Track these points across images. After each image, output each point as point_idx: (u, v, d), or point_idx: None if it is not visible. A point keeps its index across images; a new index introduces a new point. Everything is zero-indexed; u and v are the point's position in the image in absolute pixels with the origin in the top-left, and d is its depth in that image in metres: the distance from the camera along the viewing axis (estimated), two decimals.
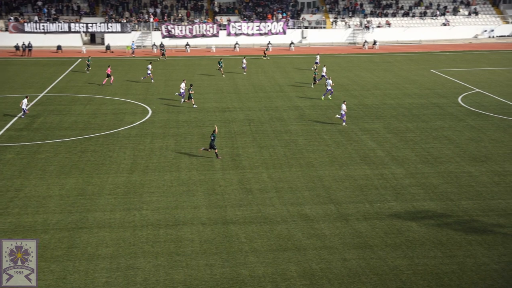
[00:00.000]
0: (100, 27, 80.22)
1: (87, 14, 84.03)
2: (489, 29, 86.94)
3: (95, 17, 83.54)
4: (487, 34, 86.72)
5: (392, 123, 40.38)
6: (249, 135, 38.09)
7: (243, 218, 25.51)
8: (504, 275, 20.58)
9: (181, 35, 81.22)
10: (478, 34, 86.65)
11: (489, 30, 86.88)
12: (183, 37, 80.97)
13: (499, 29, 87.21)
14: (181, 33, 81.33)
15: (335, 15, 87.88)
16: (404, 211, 26.04)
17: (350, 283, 20.24)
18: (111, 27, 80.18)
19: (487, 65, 64.48)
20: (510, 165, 31.52)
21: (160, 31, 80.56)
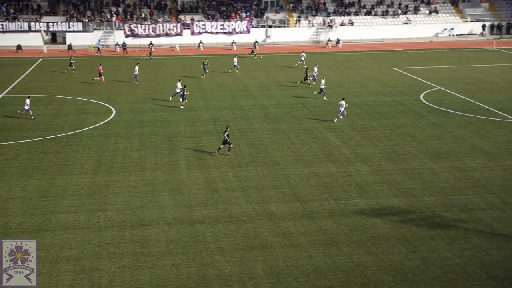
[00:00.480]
0: (62, 26, 79.01)
1: (47, 13, 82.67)
2: (449, 27, 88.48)
3: (56, 16, 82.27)
4: (447, 32, 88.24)
5: (356, 120, 40.78)
6: (214, 134, 38.01)
7: (209, 218, 25.45)
8: (466, 269, 20.98)
9: (144, 34, 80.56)
10: (439, 33, 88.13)
11: (449, 29, 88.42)
12: (147, 36, 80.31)
13: (458, 27, 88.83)
14: (144, 32, 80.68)
15: (298, 14, 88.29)
16: (369, 208, 26.33)
17: (316, 280, 20.38)
18: (73, 26, 79.02)
19: (447, 63, 65.60)
20: (471, 161, 32.13)
21: (123, 30, 79.80)
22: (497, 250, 22.24)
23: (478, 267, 21.05)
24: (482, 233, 23.65)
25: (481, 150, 33.85)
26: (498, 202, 26.65)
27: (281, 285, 20.10)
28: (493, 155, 33.02)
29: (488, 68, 62.05)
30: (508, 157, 32.55)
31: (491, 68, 61.67)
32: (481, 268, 21.01)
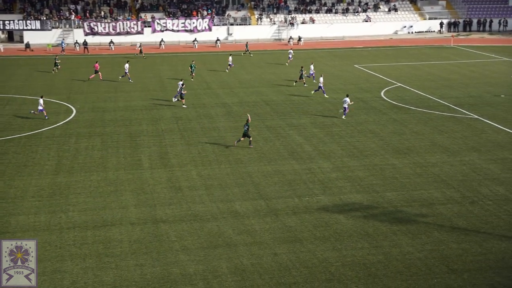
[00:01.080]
0: (18, 24, 77.44)
1: (3, 11, 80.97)
2: (408, 25, 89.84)
3: (13, 14, 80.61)
4: (406, 30, 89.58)
5: (318, 118, 41.06)
6: (177, 132, 37.82)
7: (173, 217, 25.32)
8: (427, 263, 21.33)
9: (105, 32, 79.59)
10: (398, 30, 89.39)
11: (408, 26, 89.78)
12: (107, 34, 79.34)
13: (417, 25, 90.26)
14: (104, 30, 79.69)
15: (260, 12, 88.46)
16: (332, 204, 26.55)
17: (280, 277, 20.47)
18: (30, 25, 77.55)
19: (407, 60, 66.57)
20: (431, 156, 32.68)
21: (83, 28, 78.68)
22: (456, 244, 22.68)
23: (438, 261, 21.43)
24: (442, 227, 24.09)
25: (440, 146, 34.46)
26: (457, 197, 27.17)
27: (246, 283, 20.13)
28: (452, 150, 33.65)
29: (446, 65, 63.18)
30: (467, 152, 33.22)
31: (449, 65, 62.81)
32: (442, 261, 21.40)
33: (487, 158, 32.16)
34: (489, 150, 33.50)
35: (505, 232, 23.59)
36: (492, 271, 20.63)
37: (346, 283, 20.07)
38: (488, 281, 19.99)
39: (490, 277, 20.28)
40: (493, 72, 58.35)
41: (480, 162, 31.63)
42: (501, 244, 22.56)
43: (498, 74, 56.91)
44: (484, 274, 20.45)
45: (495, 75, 56.38)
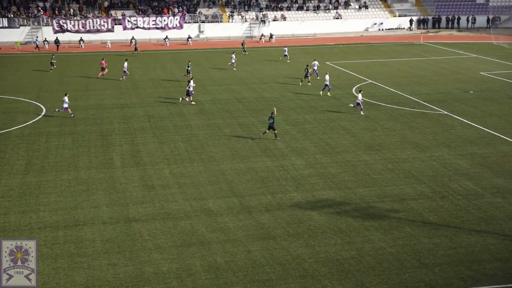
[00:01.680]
0: None
1: None
2: (378, 22, 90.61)
3: None
4: (377, 27, 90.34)
5: (290, 115, 41.19)
6: (149, 131, 37.60)
7: (146, 215, 25.18)
8: (399, 257, 21.56)
9: (74, 30, 78.70)
10: (369, 27, 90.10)
11: (379, 23, 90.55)
12: (76, 32, 78.49)
13: (387, 22, 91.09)
14: (74, 28, 78.79)
15: (231, 9, 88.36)
16: (305, 201, 26.67)
17: (254, 274, 20.50)
18: None
19: (377, 57, 67.12)
20: (402, 152, 33.02)
21: (52, 26, 77.67)
22: (428, 238, 22.96)
23: (410, 255, 21.68)
24: (413, 222, 24.37)
25: (411, 142, 34.83)
26: (428, 192, 27.51)
27: (220, 281, 20.12)
28: (422, 146, 34.04)
29: (416, 61, 63.86)
30: (437, 148, 33.64)
31: (419, 62, 63.50)
32: (413, 256, 21.65)
33: (456, 154, 32.62)
34: (459, 146, 33.98)
35: (475, 226, 23.97)
36: (462, 265, 20.94)
37: (320, 279, 20.18)
38: (458, 275, 20.29)
39: (460, 270, 20.58)
40: (462, 68, 59.17)
41: (450, 157, 32.06)
42: (470, 238, 22.91)
43: (467, 71, 57.72)
44: (454, 268, 20.75)
45: (464, 72, 57.18)
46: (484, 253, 21.75)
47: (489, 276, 20.15)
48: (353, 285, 19.79)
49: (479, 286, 19.59)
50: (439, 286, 19.62)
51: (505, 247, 22.14)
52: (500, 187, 27.84)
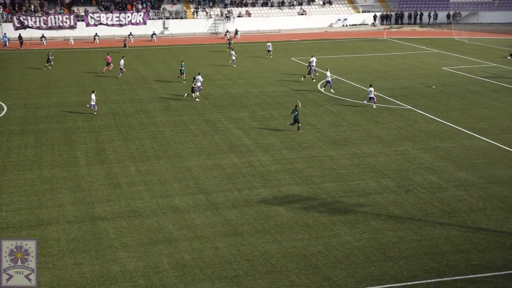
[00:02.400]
0: None
1: None
2: (342, 18, 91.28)
3: None
4: (341, 23, 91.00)
5: (256, 111, 41.23)
6: (114, 128, 37.22)
7: (112, 214, 24.94)
8: (365, 251, 21.80)
9: (35, 26, 77.37)
10: (333, 23, 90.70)
11: (343, 19, 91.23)
12: (38, 28, 77.20)
13: (351, 18, 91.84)
14: (35, 24, 77.48)
15: (195, 6, 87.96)
16: (272, 196, 26.74)
17: (222, 271, 20.49)
18: None
19: (342, 53, 67.62)
20: (367, 147, 33.36)
21: (12, 22, 76.20)
22: (393, 232, 23.26)
23: (376, 249, 21.93)
24: (379, 216, 24.65)
25: (376, 137, 35.21)
26: (393, 186, 27.85)
27: (187, 278, 20.06)
28: (387, 141, 34.44)
29: (380, 57, 64.52)
30: (401, 143, 34.08)
31: (383, 57, 64.17)
32: (379, 249, 21.91)
33: (420, 148, 33.09)
34: (422, 140, 34.48)
35: (438, 219, 24.37)
36: (427, 257, 21.28)
37: (287, 274, 20.28)
38: (423, 267, 20.61)
39: (425, 263, 20.91)
40: (425, 63, 60.01)
41: (414, 151, 32.51)
42: (434, 231, 23.29)
43: (429, 66, 58.55)
44: (419, 260, 21.07)
45: (426, 67, 57.99)
46: (447, 245, 22.14)
47: (452, 268, 20.52)
48: (320, 279, 19.94)
49: (443, 277, 19.94)
50: (404, 279, 19.90)
51: (468, 239, 22.57)
52: (463, 180, 28.36)
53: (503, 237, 22.69)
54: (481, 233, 23.04)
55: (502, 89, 47.36)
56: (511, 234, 22.89)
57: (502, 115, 39.63)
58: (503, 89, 47.53)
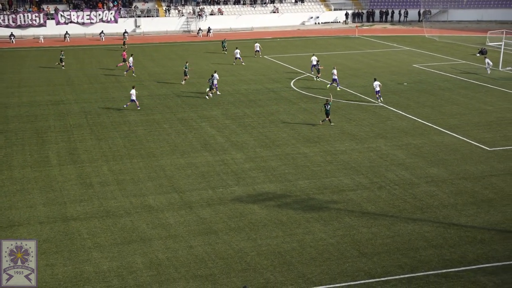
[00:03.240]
0: None
1: None
2: (314, 16, 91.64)
3: None
4: (313, 20, 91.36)
5: (230, 109, 41.18)
6: (86, 127, 36.86)
7: (84, 214, 24.70)
8: (339, 248, 21.93)
9: (4, 24, 76.20)
10: (305, 21, 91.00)
11: (315, 17, 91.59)
12: (7, 26, 76.05)
13: (323, 16, 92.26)
14: (4, 22, 76.31)
15: (167, 4, 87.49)
16: (246, 194, 26.75)
17: (196, 269, 20.44)
18: None
19: (314, 50, 67.70)
20: (340, 144, 33.55)
21: None
22: (366, 228, 23.45)
23: (350, 245, 22.08)
24: (352, 213, 24.83)
25: (349, 134, 35.44)
26: (366, 182, 28.07)
27: (162, 277, 19.97)
28: (360, 137, 34.69)
29: (352, 54, 64.93)
30: (373, 139, 34.35)
31: (355, 55, 64.60)
32: (353, 246, 22.06)
33: (392, 144, 33.40)
34: (394, 137, 34.80)
35: (411, 214, 24.63)
36: (400, 253, 21.49)
37: (262, 272, 20.31)
38: (396, 263, 20.81)
39: (398, 258, 21.12)
40: (396, 61, 60.58)
41: (386, 148, 32.80)
42: (407, 227, 23.53)
43: (400, 63, 59.13)
44: (392, 256, 21.27)
45: (397, 64, 58.55)
46: (420, 240, 22.39)
47: (425, 263, 20.76)
48: (295, 276, 20.01)
49: (416, 273, 20.16)
50: (378, 275, 20.08)
51: (440, 234, 22.86)
52: (434, 176, 28.70)
53: (474, 231, 23.03)
54: (452, 228, 23.36)
55: (472, 86, 48.04)
56: (481, 229, 23.25)
57: (472, 111, 40.21)
58: (472, 85, 48.22)
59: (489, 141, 33.69)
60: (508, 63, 55.30)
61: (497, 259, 20.91)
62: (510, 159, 30.74)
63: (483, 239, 22.40)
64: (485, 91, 46.13)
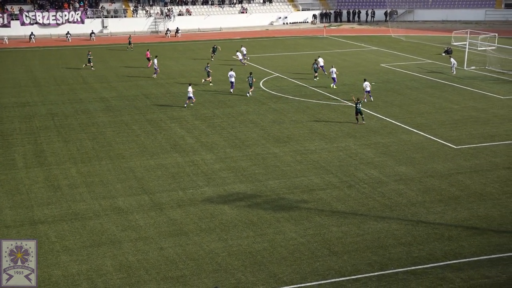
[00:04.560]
0: None
1: None
2: (283, 16, 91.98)
3: None
4: (282, 21, 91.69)
5: (199, 110, 41.07)
6: (53, 129, 36.38)
7: (52, 217, 24.38)
8: (310, 247, 22.04)
9: None
10: (274, 21, 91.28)
11: (283, 17, 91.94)
12: None
13: (291, 16, 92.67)
14: None
15: (135, 4, 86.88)
16: (216, 195, 26.71)
17: (167, 271, 20.34)
18: None
19: (283, 50, 68.11)
20: (310, 144, 33.73)
21: None
22: (336, 227, 23.61)
23: (320, 244, 22.22)
24: (323, 212, 24.98)
25: (318, 133, 35.64)
26: (335, 182, 28.27)
27: (132, 279, 19.82)
28: (329, 137, 34.92)
29: (320, 54, 65.17)
30: (343, 139, 34.61)
31: (323, 55, 64.78)
32: (323, 245, 22.20)
33: (361, 143, 33.70)
34: (363, 136, 35.11)
35: (380, 213, 24.88)
36: (370, 251, 21.70)
37: (233, 272, 20.31)
38: (366, 261, 21.01)
39: (368, 256, 21.32)
40: (364, 60, 61.13)
41: (355, 147, 33.08)
42: (376, 225, 23.77)
43: (368, 63, 59.68)
44: (362, 254, 21.46)
45: (365, 64, 59.09)
46: (389, 238, 22.64)
47: (394, 260, 21.00)
48: (266, 276, 20.06)
49: (385, 270, 20.37)
50: (348, 273, 20.24)
51: (408, 232, 23.14)
52: (402, 174, 29.05)
53: (441, 228, 23.38)
54: (420, 225, 23.67)
55: (438, 85, 48.74)
56: (449, 226, 23.62)
57: (438, 110, 40.80)
58: (438, 84, 48.92)
59: (455, 139, 34.23)
60: (473, 62, 56.26)
61: (464, 255, 21.26)
62: (476, 157, 31.29)
63: (451, 236, 22.76)
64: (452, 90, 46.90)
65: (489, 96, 44.41)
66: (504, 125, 36.94)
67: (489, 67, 55.04)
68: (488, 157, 31.18)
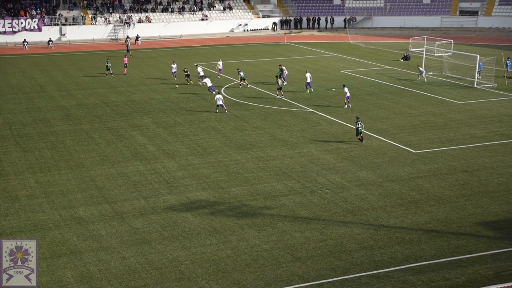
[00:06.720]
0: None
1: None
2: (243, 23, 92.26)
3: None
4: (242, 28, 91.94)
5: (160, 117, 40.82)
6: (11, 139, 35.67)
7: (10, 228, 23.87)
8: (273, 253, 22.08)
9: None
10: (234, 28, 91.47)
11: (244, 24, 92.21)
12: None
13: (252, 23, 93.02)
14: None
15: (93, 11, 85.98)
16: (179, 203, 26.56)
17: (130, 281, 20.11)
18: None
19: (244, 57, 68.26)
20: (272, 150, 33.84)
21: None
22: (299, 233, 23.71)
23: (284, 250, 22.28)
24: (286, 218, 25.06)
25: (280, 140, 35.79)
26: (298, 187, 28.41)
27: None
28: (291, 143, 35.10)
29: (281, 61, 65.48)
30: (304, 145, 34.82)
31: (284, 61, 65.19)
32: (287, 251, 22.27)
33: (323, 149, 33.96)
34: (325, 141, 35.40)
35: (342, 218, 25.09)
36: (333, 256, 21.85)
37: (197, 280, 20.20)
38: (329, 266, 21.14)
39: (331, 261, 21.47)
40: (324, 67, 61.68)
41: (317, 153, 33.32)
42: (339, 230, 23.96)
43: (328, 69, 60.25)
44: (325, 259, 21.60)
45: (325, 70, 59.63)
46: (351, 243, 22.84)
47: (357, 265, 21.19)
48: (229, 283, 20.01)
49: (348, 275, 20.54)
50: (312, 278, 20.33)
51: (370, 236, 23.39)
52: (364, 179, 29.37)
53: (403, 232, 23.70)
54: (382, 229, 23.95)
55: (397, 91, 49.51)
56: (409, 229, 23.96)
57: (398, 115, 41.42)
58: (397, 90, 49.69)
59: (414, 144, 34.79)
60: (430, 68, 57.33)
61: (425, 258, 21.59)
62: (434, 161, 31.85)
63: (412, 239, 23.09)
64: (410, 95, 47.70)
65: (446, 101, 45.32)
66: (461, 129, 37.72)
67: (445, 73, 56.19)
68: (446, 161, 31.78)
